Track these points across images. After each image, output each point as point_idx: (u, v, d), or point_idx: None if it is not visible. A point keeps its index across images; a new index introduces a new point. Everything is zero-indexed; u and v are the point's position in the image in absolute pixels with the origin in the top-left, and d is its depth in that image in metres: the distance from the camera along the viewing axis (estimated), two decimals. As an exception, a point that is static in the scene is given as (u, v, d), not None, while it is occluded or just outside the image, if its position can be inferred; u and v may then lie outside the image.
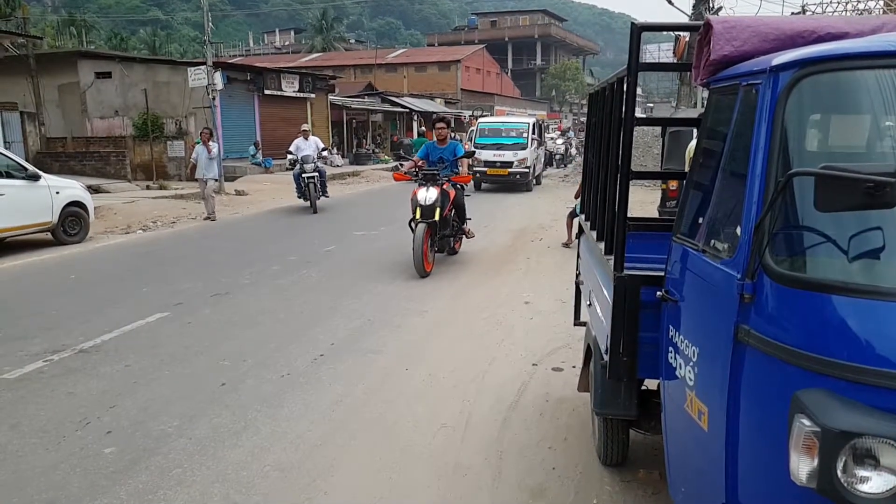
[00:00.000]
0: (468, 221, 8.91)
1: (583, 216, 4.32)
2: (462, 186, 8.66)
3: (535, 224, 12.04)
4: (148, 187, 18.18)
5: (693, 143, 6.96)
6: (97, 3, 77.85)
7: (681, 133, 8.62)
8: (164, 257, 9.18)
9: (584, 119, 48.21)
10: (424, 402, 4.21)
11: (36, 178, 9.52)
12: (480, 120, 21.63)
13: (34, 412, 4.03)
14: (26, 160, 11.55)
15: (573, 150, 30.99)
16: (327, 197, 14.39)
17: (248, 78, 23.30)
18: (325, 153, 14.29)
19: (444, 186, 7.93)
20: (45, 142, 20.83)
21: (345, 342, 5.37)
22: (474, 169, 18.45)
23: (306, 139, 13.80)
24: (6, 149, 11.61)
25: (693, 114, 10.17)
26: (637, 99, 2.72)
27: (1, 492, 3.15)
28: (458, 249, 8.95)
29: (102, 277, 7.89)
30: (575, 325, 4.48)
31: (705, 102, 2.75)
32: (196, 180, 13.42)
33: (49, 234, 9.89)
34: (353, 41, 72.47)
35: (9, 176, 9.21)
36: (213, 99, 17.96)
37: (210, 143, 12.78)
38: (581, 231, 4.35)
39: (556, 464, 3.44)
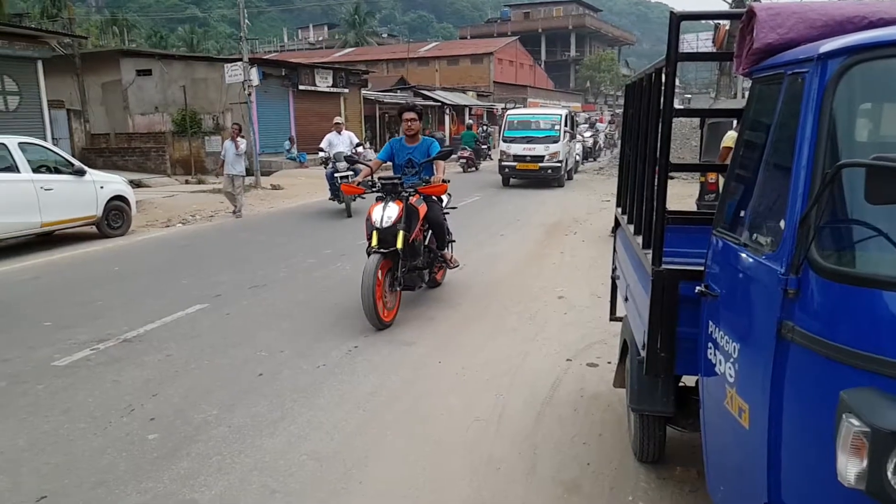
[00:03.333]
0: (451, 245, 6.93)
1: (619, 209, 4.28)
2: (439, 199, 6.51)
3: (570, 218, 11.94)
4: (187, 182, 18.54)
5: (730, 133, 6.84)
6: (138, 3, 79.41)
7: (720, 124, 8.46)
8: (203, 250, 9.35)
9: (619, 111, 47.53)
10: (458, 395, 4.22)
11: (82, 173, 9.77)
12: (509, 112, 20.67)
13: (83, 399, 4.16)
14: (72, 156, 11.85)
15: (601, 143, 30.58)
16: (363, 198, 13.88)
17: (283, 73, 23.54)
18: (359, 148, 13.21)
19: (412, 201, 5.82)
20: (89, 138, 21.40)
21: (379, 334, 5.40)
22: (503, 163, 17.79)
23: (339, 133, 13.06)
24: (54, 145, 11.94)
25: (733, 105, 9.97)
26: (675, 90, 2.67)
27: (55, 473, 3.26)
28: (442, 280, 6.99)
29: (144, 269, 8.08)
30: (611, 320, 4.44)
31: (746, 93, 2.69)
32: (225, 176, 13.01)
33: (94, 227, 10.15)
34: (385, 35, 72.63)
35: (57, 171, 9.49)
36: (249, 95, 18.20)
37: (238, 139, 12.59)
38: (617, 224, 4.30)
39: (590, 459, 3.41)
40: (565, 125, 18.10)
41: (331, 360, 4.80)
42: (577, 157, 21.77)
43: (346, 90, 27.01)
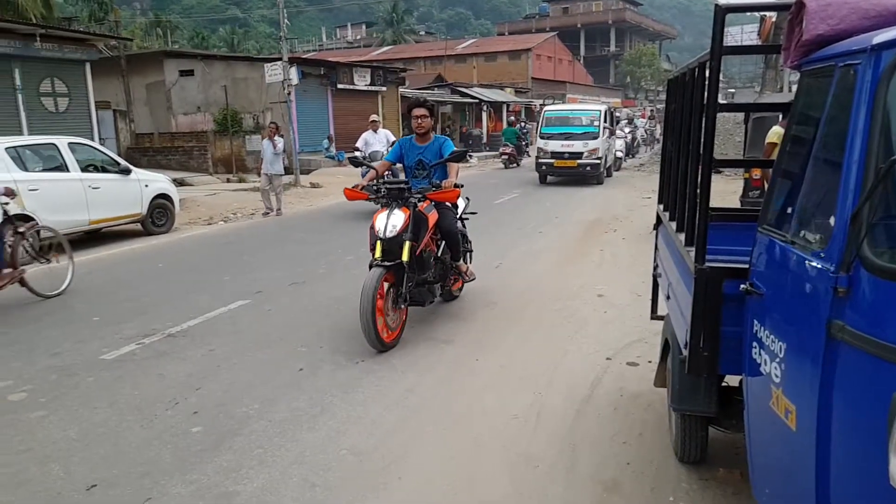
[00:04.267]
0: (469, 255, 6.45)
1: (660, 206, 4.21)
2: (454, 205, 5.89)
3: (609, 215, 11.80)
4: (228, 180, 18.89)
5: (775, 128, 6.66)
6: (181, 4, 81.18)
7: (765, 119, 8.26)
8: (244, 247, 9.52)
9: (659, 107, 46.75)
10: (495, 393, 4.21)
11: (127, 172, 10.04)
12: (546, 108, 20.34)
13: (129, 392, 4.28)
14: (118, 155, 12.19)
15: (639, 139, 30.09)
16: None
17: (322, 72, 23.78)
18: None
19: (421, 207, 5.25)
20: (134, 137, 21.97)
21: (416, 331, 5.42)
22: (540, 160, 17.45)
23: (375, 132, 12.55)
24: (101, 145, 12.30)
25: (779, 99, 9.72)
26: (719, 84, 2.62)
27: (104, 463, 3.36)
28: (459, 292, 6.39)
29: (188, 266, 8.27)
30: (652, 318, 4.38)
31: (794, 87, 2.62)
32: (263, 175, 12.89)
33: (139, 224, 10.43)
34: (423, 33, 72.81)
35: (104, 170, 9.77)
36: (289, 94, 18.43)
37: (276, 137, 12.61)
38: (659, 222, 4.23)
39: (630, 459, 3.38)
40: (605, 121, 17.76)
41: (369, 356, 4.84)
42: (620, 154, 21.25)
43: (384, 88, 27.17)
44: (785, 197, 2.27)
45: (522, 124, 30.68)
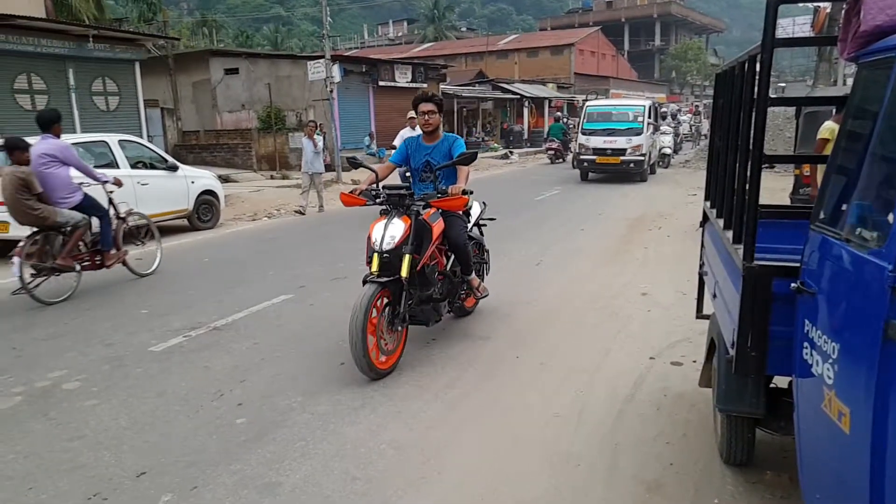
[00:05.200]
0: (485, 267, 5.89)
1: (707, 203, 4.13)
2: (465, 212, 5.32)
3: (654, 212, 11.62)
4: (272, 177, 19.20)
5: (827, 123, 6.46)
6: (226, 4, 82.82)
7: (818, 114, 8.00)
8: (288, 243, 9.67)
9: (706, 101, 45.73)
10: (535, 391, 4.19)
11: (174, 168, 10.30)
12: (588, 103, 19.97)
13: (176, 382, 4.39)
14: (166, 152, 12.51)
15: (682, 135, 29.43)
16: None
17: (364, 70, 23.97)
18: None
19: (426, 216, 4.66)
20: (181, 135, 22.50)
21: (455, 327, 5.43)
22: (581, 157, 17.14)
23: (413, 129, 11.42)
24: (149, 142, 12.64)
25: (833, 92, 9.41)
26: (770, 78, 2.55)
27: (152, 451, 3.46)
28: (473, 307, 5.78)
29: (232, 261, 8.44)
30: (697, 317, 4.30)
31: (849, 80, 2.54)
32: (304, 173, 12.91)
33: (185, 220, 10.68)
34: (464, 29, 72.78)
35: (152, 167, 10.03)
36: (331, 91, 18.62)
37: (315, 136, 12.68)
38: (705, 219, 4.15)
39: (673, 459, 3.32)
40: (649, 117, 17.39)
41: (408, 351, 4.85)
42: (668, 150, 20.63)
43: (425, 85, 27.21)
44: (839, 194, 2.20)
45: (565, 120, 30.42)
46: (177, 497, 3.03)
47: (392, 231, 4.43)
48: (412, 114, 12.31)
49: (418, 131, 11.87)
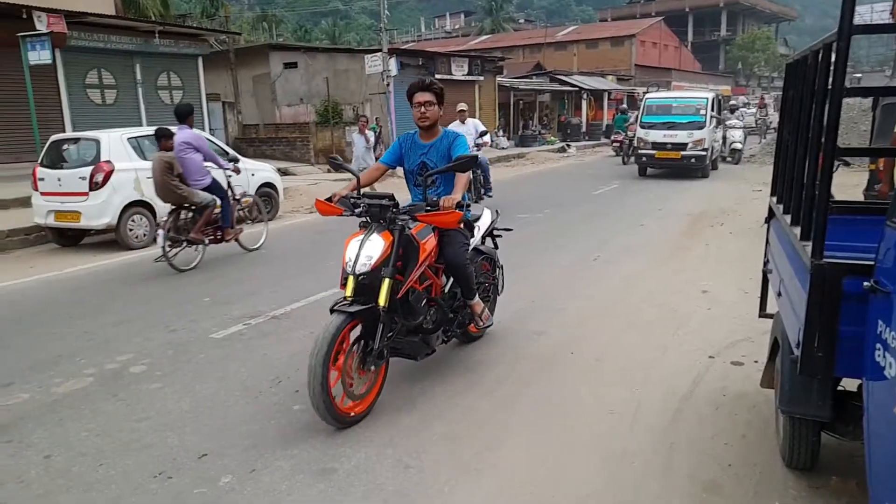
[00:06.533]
0: (496, 287, 5.06)
1: (773, 198, 3.98)
2: (468, 224, 4.48)
3: (716, 208, 11.28)
4: (329, 170, 19.49)
5: (909, 116, 6.14)
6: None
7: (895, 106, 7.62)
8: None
9: (773, 93, 44.07)
10: (590, 387, 4.14)
11: (236, 161, 10.52)
12: (648, 96, 19.28)
13: (236, 369, 4.53)
14: (227, 145, 12.84)
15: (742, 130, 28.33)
16: (490, 196, 11.45)
17: (420, 63, 24.05)
18: (485, 137, 11.46)
19: (414, 231, 3.86)
20: (241, 128, 23.10)
21: (508, 322, 5.40)
22: (640, 151, 16.56)
23: (463, 122, 11.46)
24: (211, 135, 13.01)
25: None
26: (846, 67, 2.43)
27: (213, 434, 3.58)
28: (480, 333, 4.95)
29: (291, 252, 8.62)
30: (760, 316, 4.16)
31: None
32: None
33: (246, 211, 10.93)
34: (522, 21, 72.17)
35: (214, 160, 10.33)
36: (388, 85, 18.77)
37: (367, 131, 12.70)
38: (771, 215, 4.00)
39: (732, 460, 3.23)
40: (712, 109, 16.64)
41: (461, 343, 4.87)
42: (738, 145, 19.72)
43: (482, 78, 27.16)
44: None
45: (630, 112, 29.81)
46: (236, 479, 3.13)
47: (369, 249, 3.66)
48: (462, 106, 12.06)
49: (468, 125, 11.48)
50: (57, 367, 4.63)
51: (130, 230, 8.92)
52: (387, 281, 3.64)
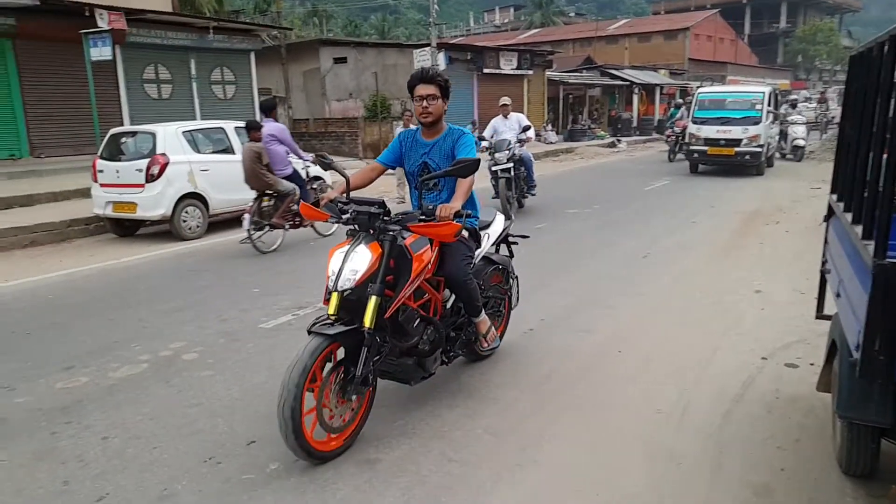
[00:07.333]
0: (508, 301, 4.61)
1: (833, 196, 3.84)
2: (475, 232, 4.00)
3: (772, 206, 10.96)
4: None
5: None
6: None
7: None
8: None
9: (835, 88, 42.48)
10: (638, 386, 4.07)
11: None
12: (700, 90, 18.71)
13: (284, 358, 4.55)
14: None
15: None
16: (533, 195, 10.94)
17: (469, 57, 24.04)
18: (528, 133, 10.55)
19: (407, 242, 3.41)
20: (291, 123, 23.46)
21: (555, 319, 5.36)
22: (691, 147, 16.01)
23: (506, 117, 10.72)
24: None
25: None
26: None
27: (262, 421, 3.65)
28: (490, 351, 4.48)
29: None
30: (817, 317, 4.01)
31: None
32: None
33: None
34: (572, 14, 71.43)
35: (266, 153, 10.54)
36: (436, 79, 18.77)
37: (411, 125, 12.81)
38: (830, 213, 3.86)
39: (785, 465, 3.14)
40: (769, 104, 15.96)
41: (507, 340, 4.83)
42: (801, 142, 18.86)
43: (531, 72, 26.96)
44: None
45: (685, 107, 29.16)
46: (283, 466, 3.19)
47: (354, 262, 3.23)
48: (505, 100, 11.30)
49: (510, 120, 10.76)
50: (114, 352, 4.80)
51: (184, 221, 9.16)
52: (373, 299, 3.21)
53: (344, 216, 3.46)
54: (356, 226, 3.40)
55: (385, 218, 3.38)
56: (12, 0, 12.74)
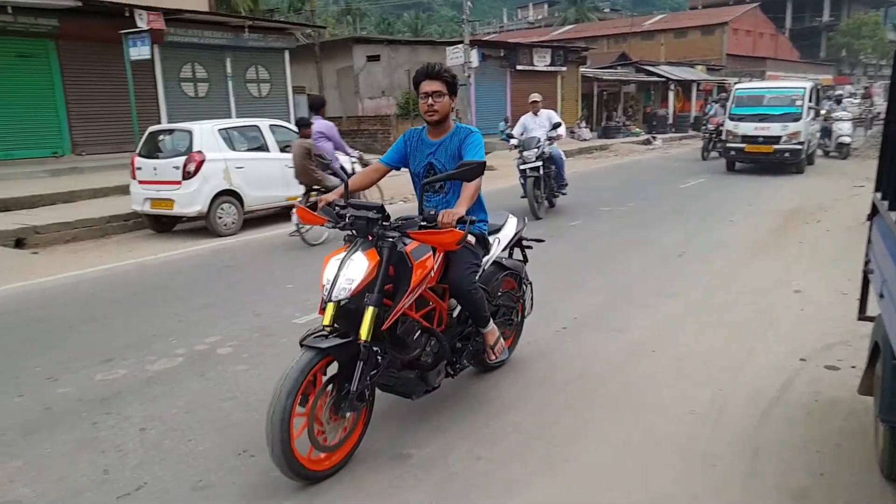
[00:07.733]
0: (518, 310, 4.35)
1: (877, 194, 3.73)
2: (482, 236, 3.77)
3: (812, 204, 10.68)
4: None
5: None
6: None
7: None
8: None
9: (881, 82, 41.30)
10: (672, 386, 4.01)
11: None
12: (737, 86, 18.16)
13: (316, 354, 4.65)
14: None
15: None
16: (564, 194, 10.58)
17: (502, 54, 23.94)
18: (559, 130, 10.27)
19: (408, 249, 3.19)
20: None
21: (588, 317, 5.31)
22: (728, 145, 15.64)
23: (536, 114, 10.40)
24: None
25: None
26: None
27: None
28: (500, 363, 4.27)
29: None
30: (859, 319, 3.90)
31: None
32: None
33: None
34: (607, 10, 70.56)
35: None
36: (468, 77, 18.77)
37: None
38: (874, 211, 3.74)
39: (823, 469, 3.06)
40: (810, 100, 15.46)
41: (538, 338, 4.82)
42: (847, 139, 18.17)
43: (564, 68, 26.75)
44: None
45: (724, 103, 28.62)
46: (315, 460, 3.21)
47: (351, 271, 3.04)
48: (535, 97, 10.82)
49: (541, 117, 10.36)
50: (151, 346, 4.90)
51: (220, 218, 9.30)
52: (370, 310, 3.00)
53: (341, 221, 3.26)
54: (354, 231, 3.21)
55: (384, 223, 3.19)
56: (55, 2, 13.08)
